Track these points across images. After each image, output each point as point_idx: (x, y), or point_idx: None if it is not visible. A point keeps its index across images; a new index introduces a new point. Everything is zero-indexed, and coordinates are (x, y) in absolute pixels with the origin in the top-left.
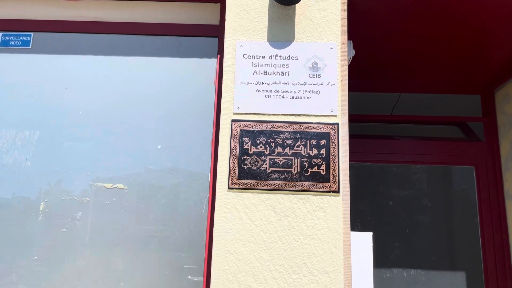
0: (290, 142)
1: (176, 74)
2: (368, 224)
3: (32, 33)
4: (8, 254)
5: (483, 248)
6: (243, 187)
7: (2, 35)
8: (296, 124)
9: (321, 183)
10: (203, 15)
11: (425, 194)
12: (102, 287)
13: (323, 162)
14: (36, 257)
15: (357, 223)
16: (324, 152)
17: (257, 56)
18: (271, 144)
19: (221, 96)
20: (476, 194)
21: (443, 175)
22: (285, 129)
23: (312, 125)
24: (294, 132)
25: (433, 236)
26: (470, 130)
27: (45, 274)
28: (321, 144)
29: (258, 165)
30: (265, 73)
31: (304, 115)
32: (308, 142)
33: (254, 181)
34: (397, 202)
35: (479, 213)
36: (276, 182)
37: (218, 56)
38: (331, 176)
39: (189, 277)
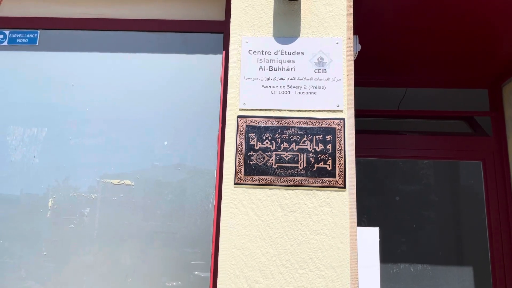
0: (296, 137)
1: (182, 71)
2: (374, 219)
3: (38, 31)
4: (17, 250)
5: (490, 243)
6: (250, 182)
7: (9, 33)
8: (302, 120)
9: (327, 179)
10: (208, 11)
11: (432, 189)
12: (110, 282)
13: (329, 158)
14: (44, 253)
15: (364, 219)
16: (330, 148)
17: (262, 51)
18: (277, 139)
19: (227, 92)
20: (484, 189)
21: (450, 170)
22: (291, 125)
23: (318, 120)
24: (300, 128)
25: (440, 231)
26: (478, 124)
27: (54, 270)
28: (327, 139)
29: (264, 161)
30: (270, 69)
31: (310, 110)
32: (314, 137)
33: (260, 177)
34: (404, 197)
35: (487, 208)
36: (282, 177)
37: (224, 52)
38: (337, 172)
39: (196, 272)
